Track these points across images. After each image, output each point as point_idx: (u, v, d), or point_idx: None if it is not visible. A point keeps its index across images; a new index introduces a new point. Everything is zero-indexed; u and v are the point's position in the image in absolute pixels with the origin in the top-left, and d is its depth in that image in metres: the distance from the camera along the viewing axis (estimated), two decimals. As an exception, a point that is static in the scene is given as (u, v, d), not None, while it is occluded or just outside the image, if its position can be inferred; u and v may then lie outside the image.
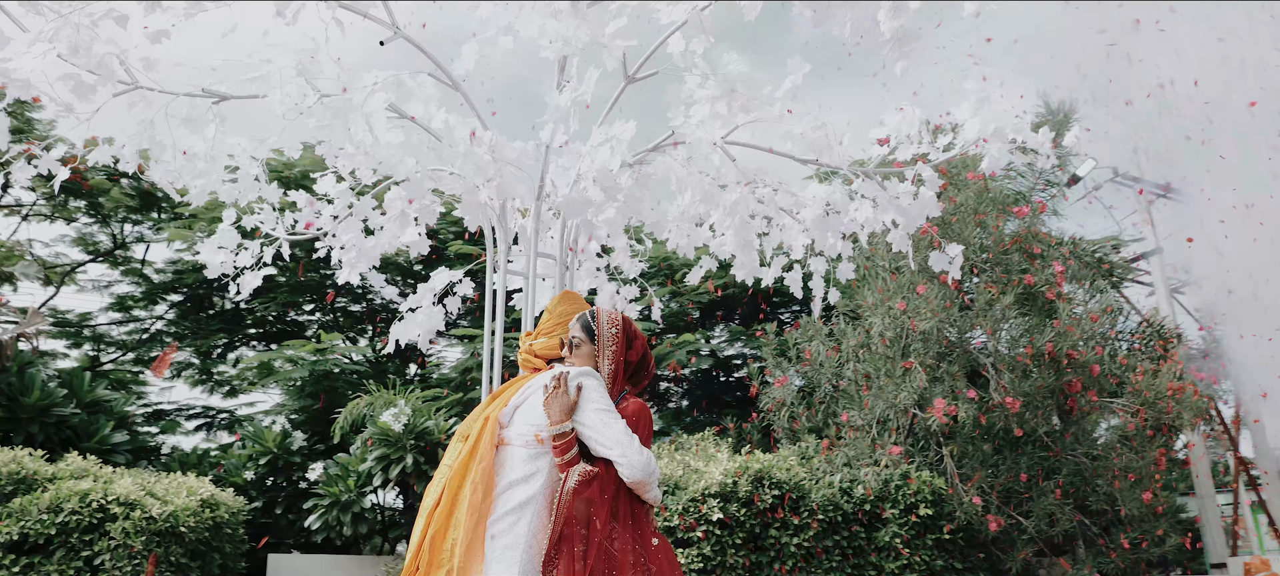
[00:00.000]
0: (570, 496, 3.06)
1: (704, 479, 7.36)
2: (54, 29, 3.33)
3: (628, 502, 3.20)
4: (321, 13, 3.37)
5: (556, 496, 3.11)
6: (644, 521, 3.23)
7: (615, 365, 3.34)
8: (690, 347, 10.86)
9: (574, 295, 3.72)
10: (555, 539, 3.04)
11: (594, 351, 3.35)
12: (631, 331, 3.41)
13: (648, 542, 3.21)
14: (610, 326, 3.36)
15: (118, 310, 12.85)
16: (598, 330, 3.36)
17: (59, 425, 8.46)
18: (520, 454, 3.17)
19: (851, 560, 7.49)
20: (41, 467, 6.48)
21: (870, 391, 7.54)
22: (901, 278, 7.91)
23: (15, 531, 5.95)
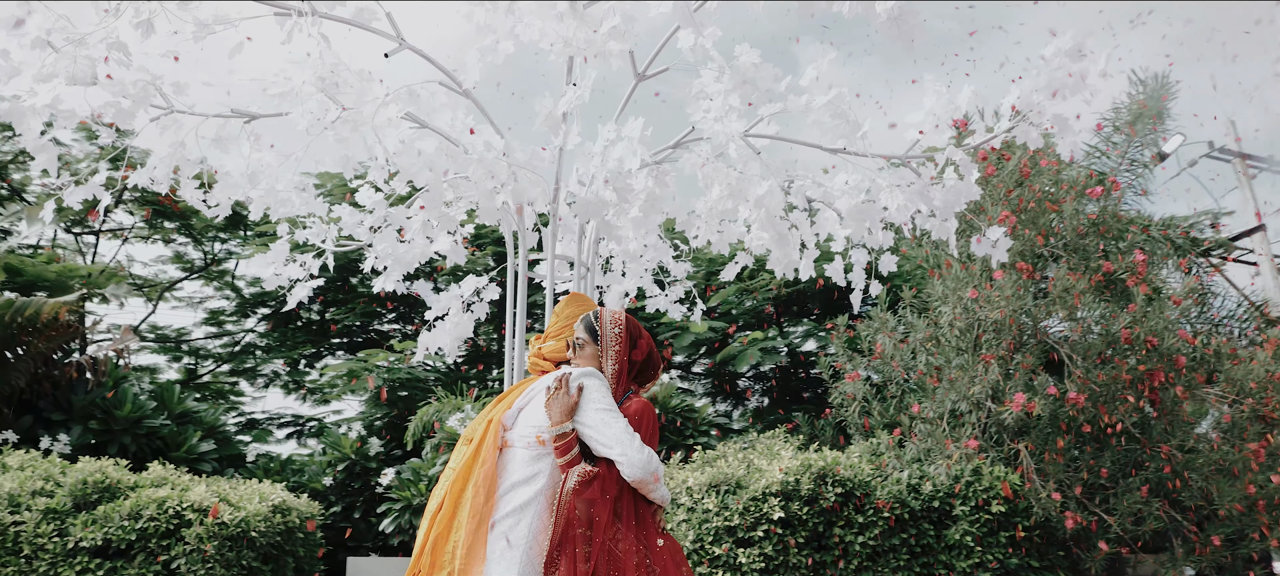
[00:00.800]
0: (570, 497, 3.05)
1: (765, 477, 7.25)
2: (55, 60, 3.48)
3: (631, 502, 3.17)
4: (311, 29, 3.44)
5: (558, 497, 3.10)
6: (648, 521, 3.19)
7: (619, 365, 3.32)
8: (762, 344, 10.72)
9: (581, 297, 3.71)
10: (556, 539, 3.04)
11: (598, 352, 3.34)
12: (635, 331, 3.38)
13: (652, 543, 3.17)
14: (613, 327, 3.35)
15: (211, 324, 13.46)
16: (600, 331, 3.35)
17: (150, 436, 8.89)
18: (522, 455, 3.18)
19: (920, 558, 7.27)
20: (125, 476, 6.81)
21: (939, 385, 7.30)
22: (972, 266, 7.65)
23: (99, 537, 6.26)
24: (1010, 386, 7.20)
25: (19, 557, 6.21)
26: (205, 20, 3.46)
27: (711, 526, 7.12)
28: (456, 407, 8.59)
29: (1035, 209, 7.07)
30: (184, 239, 13.14)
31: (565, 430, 3.11)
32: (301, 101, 4.04)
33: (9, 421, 8.34)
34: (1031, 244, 7.03)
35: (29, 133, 4.17)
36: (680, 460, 8.26)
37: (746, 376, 14.49)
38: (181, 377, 13.28)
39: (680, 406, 9.32)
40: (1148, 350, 7.44)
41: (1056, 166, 7.19)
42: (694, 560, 7.11)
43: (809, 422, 10.08)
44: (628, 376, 3.33)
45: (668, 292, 6.23)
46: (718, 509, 7.17)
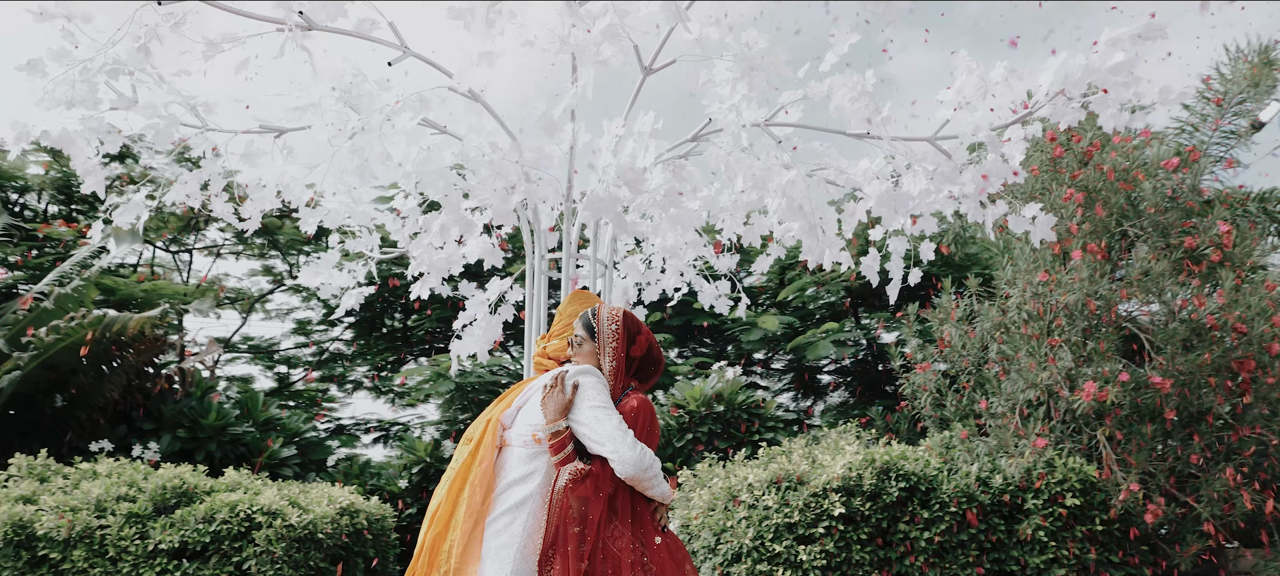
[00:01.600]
0: (562, 494, 3.05)
1: (826, 472, 7.11)
2: (92, 87, 3.64)
3: (629, 500, 3.15)
4: (301, 42, 3.51)
5: (550, 495, 3.10)
6: (646, 519, 3.16)
7: (617, 362, 3.30)
8: (836, 336, 10.52)
9: (584, 294, 3.70)
10: (550, 538, 3.04)
11: (596, 349, 3.33)
12: (633, 328, 3.35)
13: (650, 541, 3.14)
14: (610, 323, 3.33)
15: (300, 334, 13.96)
16: (598, 328, 3.34)
17: (234, 443, 9.28)
18: (519, 454, 3.19)
19: (990, 554, 7.01)
20: (201, 482, 7.12)
21: (1007, 376, 7.03)
22: (1043, 249, 7.33)
23: (176, 540, 6.56)
24: (1084, 374, 6.88)
25: (105, 559, 6.55)
26: (214, 39, 3.57)
27: (771, 523, 7.02)
28: (521, 409, 8.69)
29: (1105, 189, 6.73)
30: (274, 253, 13.67)
31: (559, 428, 3.10)
32: (321, 113, 4.15)
33: (105, 431, 8.82)
34: (1103, 224, 6.69)
35: (78, 157, 4.39)
36: (744, 457, 8.17)
37: (827, 371, 14.25)
38: (274, 385, 13.82)
39: (746, 402, 9.21)
40: (1238, 337, 7.00)
41: (1128, 141, 6.83)
42: (754, 557, 7.02)
43: (882, 416, 9.84)
44: (626, 373, 3.31)
45: (716, 287, 6.16)
46: (778, 505, 7.06)
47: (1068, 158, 6.79)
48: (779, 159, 4.40)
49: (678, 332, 12.07)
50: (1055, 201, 6.67)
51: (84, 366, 8.62)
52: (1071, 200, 6.46)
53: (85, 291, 8.89)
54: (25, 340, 8.05)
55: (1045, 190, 6.76)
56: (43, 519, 6.61)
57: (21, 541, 6.57)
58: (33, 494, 7.01)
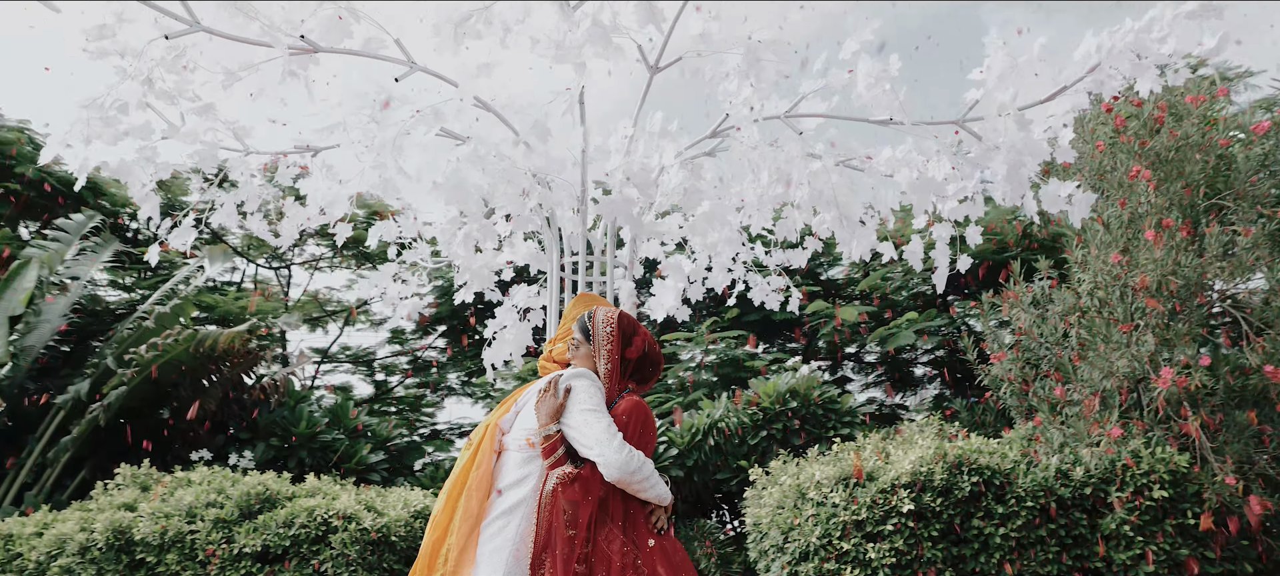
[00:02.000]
0: (550, 498, 3.07)
1: (895, 468, 6.92)
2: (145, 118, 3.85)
3: (621, 503, 3.15)
4: (298, 68, 3.63)
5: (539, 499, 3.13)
6: (640, 521, 3.15)
7: (612, 364, 3.30)
8: (918, 325, 10.22)
9: (589, 297, 3.71)
10: (541, 541, 3.06)
11: (592, 352, 3.34)
12: (628, 330, 3.35)
13: (643, 543, 3.13)
14: (605, 326, 3.33)
15: (395, 342, 14.43)
16: (593, 330, 3.35)
17: (324, 449, 9.66)
18: (515, 458, 3.22)
19: (1072, 551, 6.69)
20: (284, 488, 7.44)
21: (1082, 361, 6.70)
22: (1119, 228, 6.97)
23: (258, 543, 6.87)
24: (1168, 358, 6.49)
25: (195, 562, 6.92)
26: (232, 68, 3.73)
27: (839, 520, 6.87)
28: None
29: (1177, 157, 6.33)
30: (367, 265, 14.17)
31: (551, 432, 3.12)
32: (347, 131, 4.28)
33: (205, 440, 9.32)
34: (1179, 197, 6.29)
35: (134, 185, 4.64)
36: (818, 453, 8.03)
37: (922, 363, 13.86)
38: (372, 392, 14.32)
39: (822, 397, 9.05)
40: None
41: (1202, 100, 6.40)
42: (821, 555, 6.89)
43: (968, 408, 9.52)
44: (622, 375, 3.31)
45: (768, 282, 6.08)
46: (845, 502, 6.91)
47: (1134, 125, 6.41)
48: (801, 150, 4.32)
49: (758, 328, 11.95)
50: (1122, 177, 6.31)
51: (184, 380, 9.12)
52: (1139, 175, 6.10)
53: (183, 309, 9.41)
54: (127, 357, 8.58)
55: (1111, 167, 6.40)
56: (140, 525, 7.02)
57: (121, 546, 7.00)
58: (133, 501, 7.47)
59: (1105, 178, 6.36)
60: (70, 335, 10.47)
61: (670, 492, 3.19)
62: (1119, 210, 6.16)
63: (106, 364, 9.00)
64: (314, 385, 13.40)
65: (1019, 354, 7.92)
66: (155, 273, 11.85)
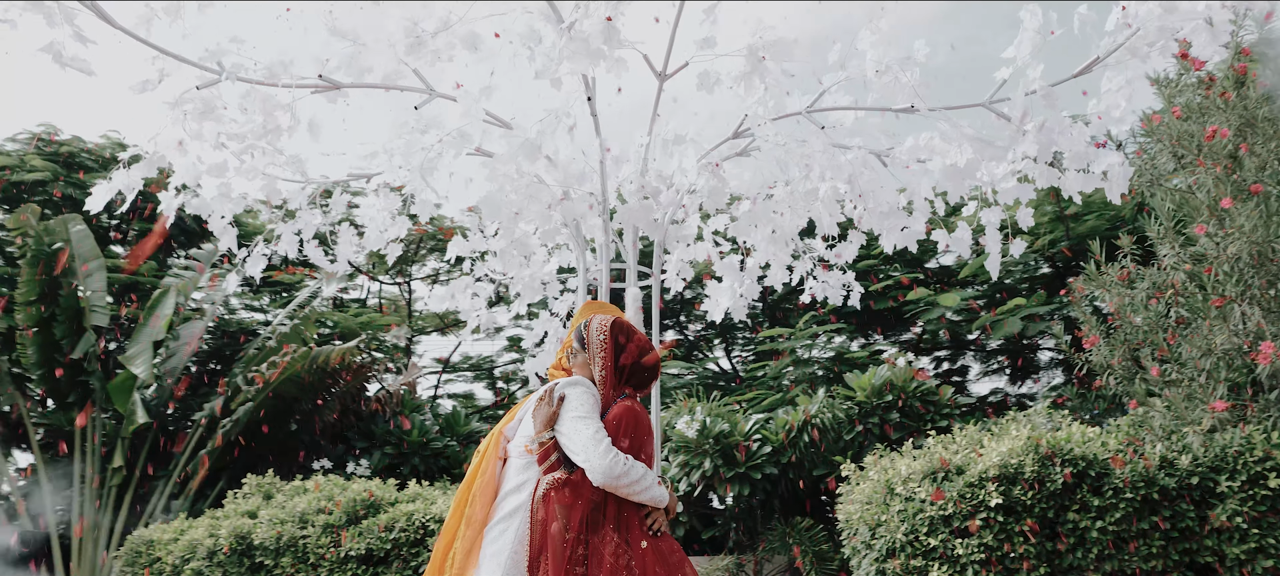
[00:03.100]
0: (542, 502, 3.19)
1: (983, 461, 6.70)
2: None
3: (615, 506, 3.24)
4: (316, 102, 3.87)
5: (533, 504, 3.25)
6: (633, 523, 3.24)
7: (605, 371, 3.40)
8: (1025, 311, 9.80)
9: (596, 304, 3.81)
10: (537, 544, 3.19)
11: (588, 359, 3.44)
12: (621, 337, 3.43)
13: (636, 544, 3.21)
14: (598, 334, 3.44)
15: (514, 350, 14.90)
16: (588, 339, 3.45)
17: (436, 456, 10.12)
18: (516, 464, 3.37)
19: (1178, 544, 6.30)
20: (388, 493, 7.86)
21: (1177, 341, 6.32)
22: (1201, 197, 6.52)
23: (362, 547, 7.30)
24: (1274, 332, 6.03)
25: (307, 565, 7.41)
26: (270, 110, 4.03)
27: (925, 516, 6.71)
28: (681, 411, 8.85)
29: (1273, 114, 5.86)
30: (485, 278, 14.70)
31: (545, 438, 3.24)
32: (390, 158, 4.54)
33: (325, 450, 9.94)
34: (1273, 157, 5.83)
35: (214, 221, 5.05)
36: (912, 447, 7.83)
37: (1046, 348, 13.26)
38: (493, 400, 14.85)
39: (918, 390, 8.82)
40: None
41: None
42: (908, 552, 6.73)
43: (1079, 396, 9.08)
44: (616, 381, 3.39)
45: (825, 281, 6.02)
46: (931, 497, 6.73)
47: (1217, 86, 5.96)
48: (823, 144, 4.29)
49: (858, 321, 11.73)
50: (1200, 139, 5.89)
51: (304, 395, 9.75)
52: (1216, 135, 5.67)
53: (303, 328, 10.06)
54: (251, 375, 9.26)
55: (1187, 135, 5.98)
56: (259, 530, 7.57)
57: (243, 550, 7.57)
58: (255, 509, 8.05)
59: (1184, 143, 5.96)
60: (210, 355, 11.35)
61: (666, 494, 3.25)
62: (1203, 176, 5.77)
63: (236, 382, 9.72)
64: (436, 394, 14.01)
65: (1120, 336, 7.50)
66: (286, 293, 12.68)
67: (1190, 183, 6.09)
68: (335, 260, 5.13)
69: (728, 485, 8.52)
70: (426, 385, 14.04)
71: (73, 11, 3.23)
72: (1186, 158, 6.00)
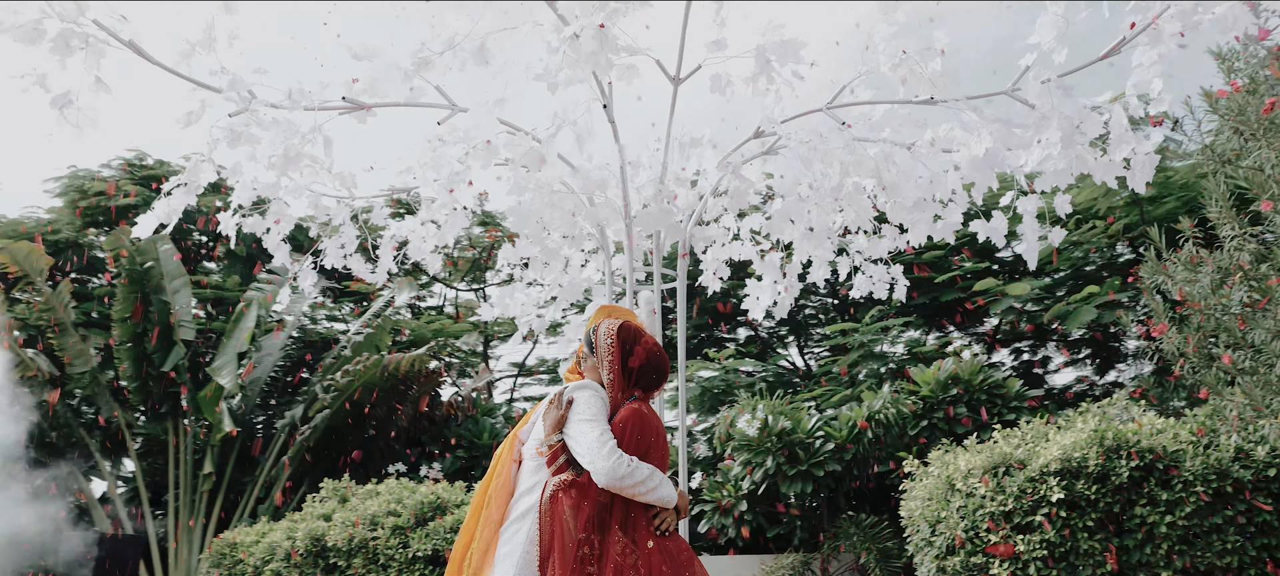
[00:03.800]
0: (549, 503, 3.27)
1: (1043, 454, 6.53)
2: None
3: (622, 507, 3.31)
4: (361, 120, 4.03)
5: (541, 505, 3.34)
6: (640, 523, 3.30)
7: (613, 374, 3.47)
8: (1098, 300, 9.47)
9: (611, 308, 3.87)
10: (546, 544, 3.28)
11: (597, 363, 3.51)
12: (629, 341, 3.49)
13: (642, 545, 3.27)
14: (606, 338, 3.50)
15: (585, 352, 15.06)
16: (596, 342, 3.52)
17: (506, 458, 10.32)
18: (528, 466, 3.47)
19: (1255, 540, 6.04)
20: (453, 496, 8.08)
21: (1247, 326, 6.05)
22: (1267, 171, 6.21)
23: (428, 548, 7.52)
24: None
25: (377, 565, 7.67)
26: (291, 135, 4.22)
27: (985, 512, 6.57)
28: (744, 408, 8.84)
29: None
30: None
31: (553, 441, 3.33)
32: (420, 172, 4.69)
33: (399, 454, 10.26)
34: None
35: (270, 240, 5.29)
36: (976, 440, 7.66)
37: (1133, 336, 12.75)
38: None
39: (985, 382, 8.61)
40: None
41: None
42: (968, 549, 6.60)
43: (1157, 385, 8.74)
44: (625, 385, 3.44)
45: (870, 275, 5.97)
46: (992, 493, 6.59)
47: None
48: (844, 140, 4.28)
49: (925, 312, 11.48)
50: (1256, 115, 5.60)
51: (378, 401, 10.08)
52: (1275, 110, 5.39)
53: (377, 337, 10.40)
54: (326, 383, 9.61)
55: (1241, 110, 5.70)
56: (332, 533, 7.87)
57: (317, 552, 7.88)
58: (330, 512, 8.37)
59: (1244, 118, 5.69)
60: (297, 363, 11.82)
61: (674, 494, 3.30)
62: (1266, 150, 5.50)
63: (314, 390, 10.11)
64: (512, 398, 14.27)
65: (1191, 323, 7.19)
66: (364, 304, 13.11)
67: (1256, 157, 5.81)
68: (376, 270, 5.30)
69: (790, 482, 8.48)
70: (502, 389, 14.32)
71: (101, 50, 3.45)
72: (1247, 132, 5.72)
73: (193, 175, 4.29)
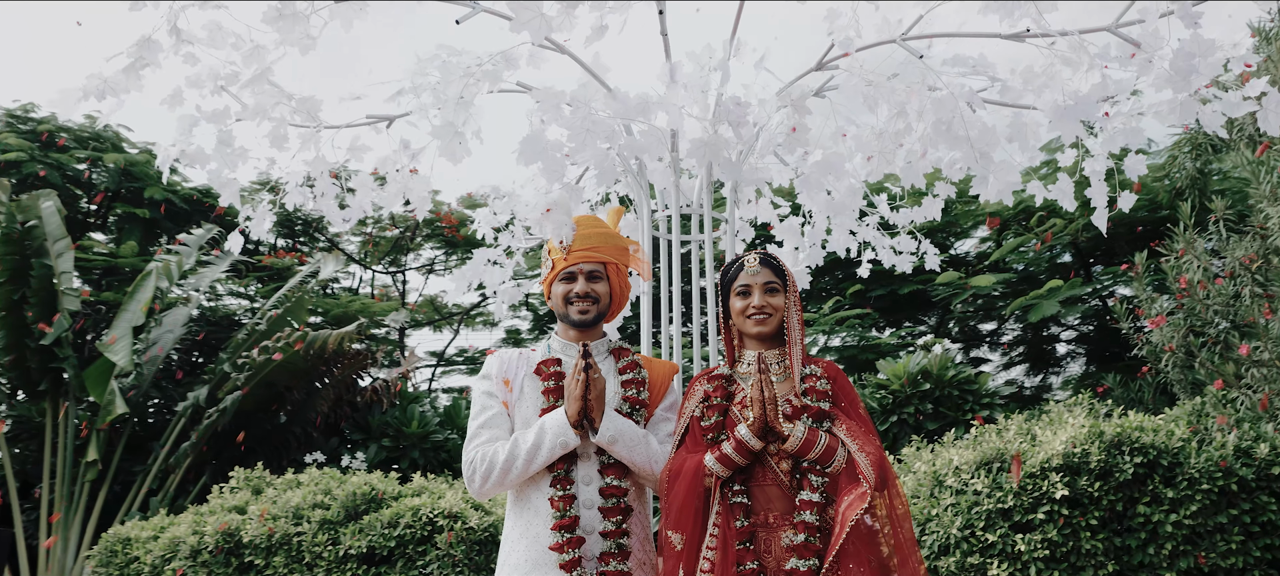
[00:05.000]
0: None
1: (1045, 449, 6.18)
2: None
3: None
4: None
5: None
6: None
7: None
8: (1063, 295, 9.30)
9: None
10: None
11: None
12: None
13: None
14: None
15: (511, 344, 14.29)
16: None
17: (437, 449, 9.50)
18: None
19: (1260, 539, 5.81)
20: (390, 487, 7.24)
21: (1273, 316, 5.82)
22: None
23: (364, 544, 6.68)
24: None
25: (302, 564, 6.78)
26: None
27: (982, 509, 6.18)
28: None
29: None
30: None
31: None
32: (418, 95, 3.94)
33: (318, 443, 9.30)
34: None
35: (217, 177, 4.41)
36: (954, 437, 7.32)
37: (1064, 340, 12.80)
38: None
39: (957, 378, 8.30)
40: None
41: None
42: (964, 549, 6.20)
43: (1122, 384, 8.59)
44: None
45: (895, 244, 5.49)
46: (989, 489, 6.20)
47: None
48: (920, 77, 3.74)
49: (882, 306, 11.20)
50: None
51: (296, 384, 9.11)
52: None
53: (295, 312, 9.42)
54: (241, 361, 8.60)
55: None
56: (248, 527, 6.94)
57: (231, 548, 6.93)
58: (243, 504, 7.41)
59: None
60: (192, 344, 10.68)
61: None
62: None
63: (223, 369, 9.07)
64: (431, 388, 13.38)
65: (1182, 318, 7.02)
66: (275, 280, 12.03)
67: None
68: (347, 216, 4.50)
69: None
70: (419, 378, 13.41)
71: None
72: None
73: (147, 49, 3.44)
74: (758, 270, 2.87)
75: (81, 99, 3.36)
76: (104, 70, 3.44)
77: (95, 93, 3.37)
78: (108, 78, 3.38)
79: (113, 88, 3.37)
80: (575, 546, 2.67)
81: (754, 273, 2.87)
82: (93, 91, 3.37)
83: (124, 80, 3.36)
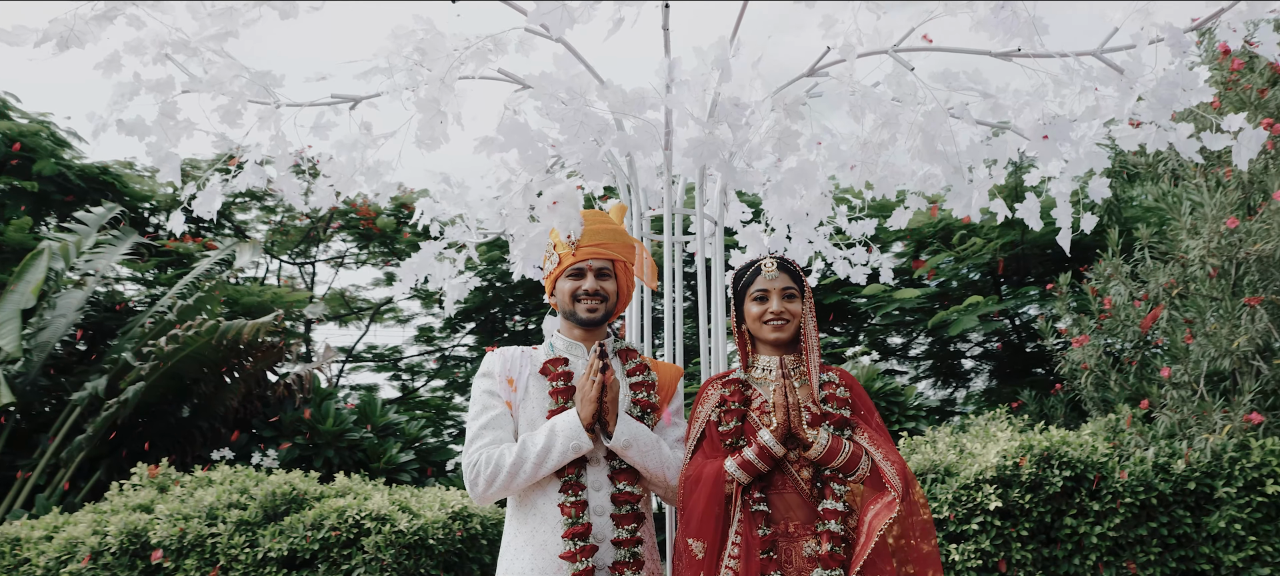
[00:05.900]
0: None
1: (978, 462, 6.33)
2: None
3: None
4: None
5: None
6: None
7: None
8: (980, 310, 9.58)
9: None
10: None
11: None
12: None
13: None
14: None
15: (423, 341, 13.92)
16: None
17: (352, 448, 9.14)
18: None
19: (1176, 551, 6.08)
20: (312, 487, 6.92)
21: (1193, 342, 6.09)
22: (1228, 192, 6.33)
23: (285, 547, 6.35)
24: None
25: (216, 567, 6.40)
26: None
27: (918, 520, 6.27)
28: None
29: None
30: (394, 260, 13.67)
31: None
32: (391, 76, 3.75)
33: (226, 439, 8.82)
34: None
35: (156, 149, 4.10)
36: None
37: (970, 355, 13.22)
38: (398, 394, 13.81)
39: (884, 389, 8.45)
40: None
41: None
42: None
43: (1036, 400, 8.89)
44: None
45: (850, 256, 5.52)
46: (922, 501, 6.30)
47: (1246, 77, 5.80)
48: (904, 88, 3.75)
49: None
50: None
51: (205, 376, 8.63)
52: (1267, 128, 5.49)
53: (207, 300, 8.92)
54: (146, 351, 8.09)
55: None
56: (157, 527, 6.52)
57: (136, 550, 6.51)
58: (150, 503, 6.97)
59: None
60: (88, 330, 10.01)
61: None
62: (1237, 170, 5.58)
63: (125, 358, 8.52)
64: (339, 384, 12.91)
65: (1100, 339, 7.31)
66: (179, 266, 11.39)
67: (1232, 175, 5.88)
68: (315, 202, 4.23)
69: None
70: (328, 374, 12.92)
71: None
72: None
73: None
74: (775, 275, 2.81)
75: (40, 42, 3.06)
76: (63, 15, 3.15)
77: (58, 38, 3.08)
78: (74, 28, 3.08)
79: (77, 37, 3.08)
80: (588, 554, 2.55)
81: (772, 277, 2.81)
82: (55, 35, 3.07)
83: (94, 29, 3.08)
